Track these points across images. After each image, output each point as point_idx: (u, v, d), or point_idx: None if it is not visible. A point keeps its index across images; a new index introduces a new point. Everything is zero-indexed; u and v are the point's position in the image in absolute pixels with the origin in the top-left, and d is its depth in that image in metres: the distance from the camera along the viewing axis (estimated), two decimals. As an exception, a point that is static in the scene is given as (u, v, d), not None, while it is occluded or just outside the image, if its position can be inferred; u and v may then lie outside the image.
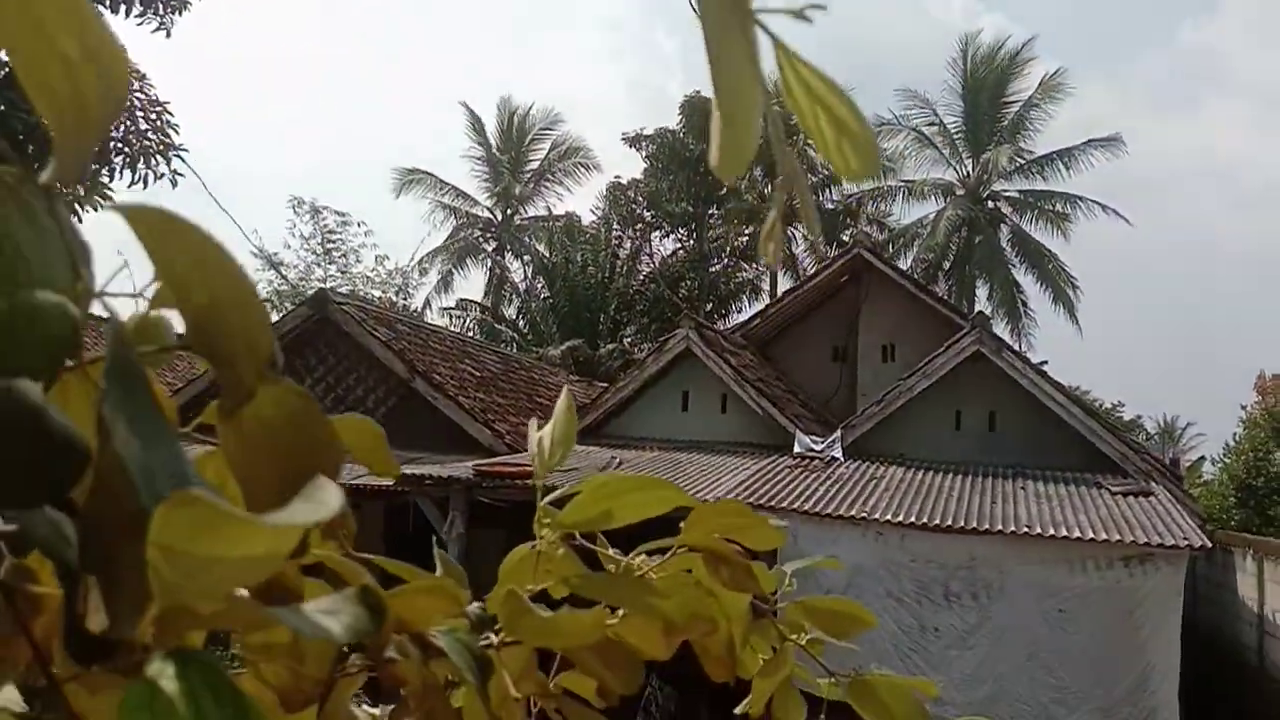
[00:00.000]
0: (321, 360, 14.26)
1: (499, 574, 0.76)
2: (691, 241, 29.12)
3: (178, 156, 11.56)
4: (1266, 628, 11.64)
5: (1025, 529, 9.25)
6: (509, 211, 33.63)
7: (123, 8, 10.94)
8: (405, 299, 31.14)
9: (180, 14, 11.42)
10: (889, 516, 9.54)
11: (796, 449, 12.09)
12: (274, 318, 21.72)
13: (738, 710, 0.97)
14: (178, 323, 0.49)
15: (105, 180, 11.05)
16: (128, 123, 10.96)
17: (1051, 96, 29.62)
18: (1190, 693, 8.98)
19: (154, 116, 11.27)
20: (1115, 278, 71.68)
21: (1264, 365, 25.60)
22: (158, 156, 11.30)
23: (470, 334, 25.96)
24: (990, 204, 30.16)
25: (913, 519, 9.49)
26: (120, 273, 0.50)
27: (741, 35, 0.38)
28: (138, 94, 11.27)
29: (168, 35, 11.46)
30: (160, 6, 11.17)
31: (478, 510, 10.82)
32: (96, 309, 0.40)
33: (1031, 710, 8.98)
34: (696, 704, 9.66)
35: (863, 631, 1.00)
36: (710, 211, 28.51)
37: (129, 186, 11.25)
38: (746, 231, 28.58)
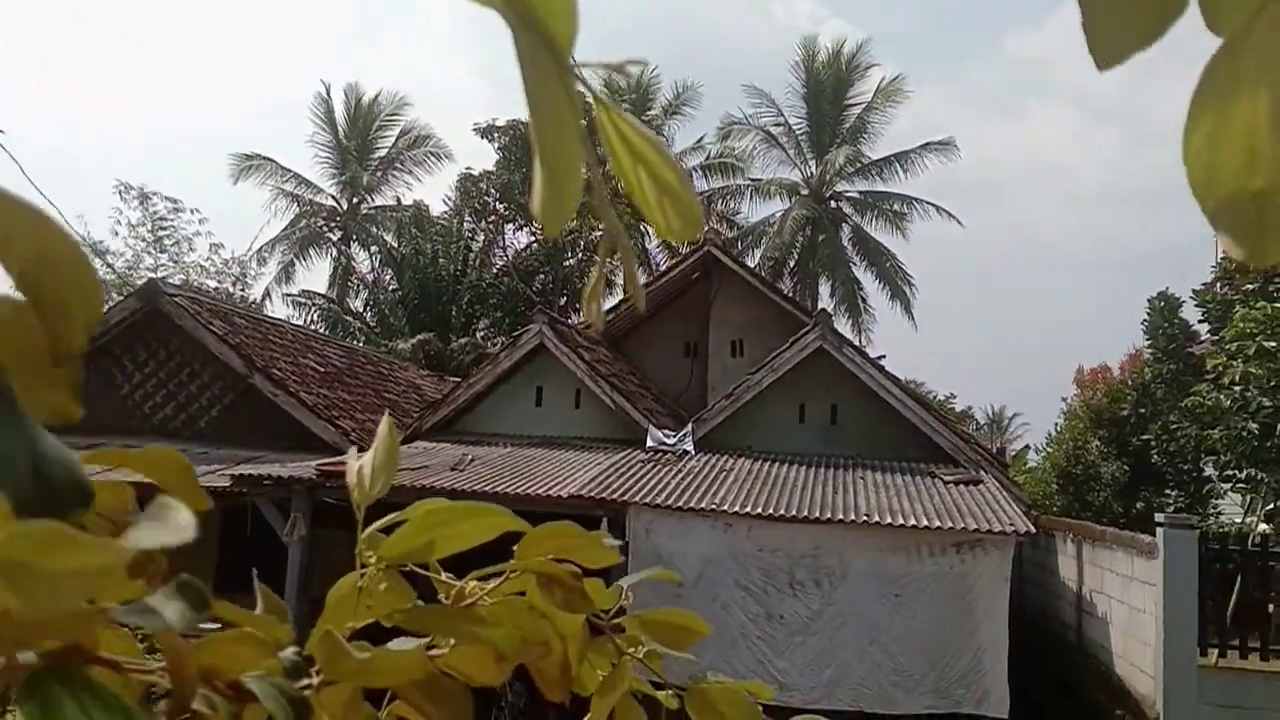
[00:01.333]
0: (153, 355, 13.53)
1: (325, 606, 0.72)
2: (545, 236, 28.96)
3: (-11, 136, 10.71)
4: (1084, 606, 12.47)
5: (865, 518, 9.61)
6: (355, 200, 32.73)
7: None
8: (243, 289, 29.91)
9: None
10: (737, 508, 9.74)
11: (649, 443, 12.20)
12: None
13: (580, 727, 0.96)
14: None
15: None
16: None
17: (890, 101, 30.86)
18: (1017, 668, 9.53)
19: (-40, 91, 10.40)
20: (948, 276, 75.59)
21: (1083, 360, 27.42)
22: (-34, 136, 10.44)
23: (314, 327, 25.12)
24: (833, 204, 31.20)
25: (759, 510, 9.72)
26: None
27: (561, 88, 0.37)
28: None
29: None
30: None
31: (322, 511, 10.47)
32: None
33: (872, 693, 9.35)
34: (546, 702, 9.63)
35: (698, 641, 1.01)
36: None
37: (-68, 166, 10.36)
38: (600, 226, 28.67)
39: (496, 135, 28.33)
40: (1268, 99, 0.39)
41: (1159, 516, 10.39)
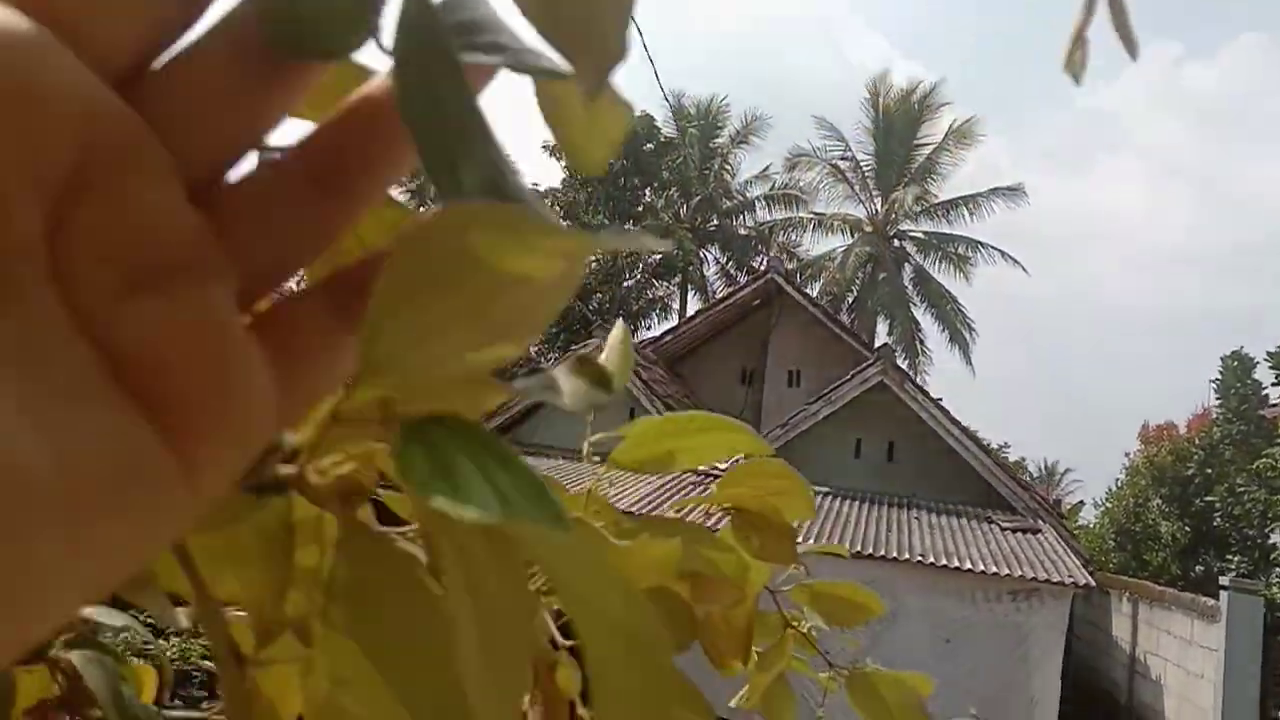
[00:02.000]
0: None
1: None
2: (605, 256, 29.12)
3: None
4: (1137, 668, 12.08)
5: (919, 558, 9.40)
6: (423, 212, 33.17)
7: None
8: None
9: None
10: (788, 539, 9.59)
11: (701, 466, 12.10)
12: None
13: (732, 703, 0.91)
14: None
15: None
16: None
17: (962, 142, 30.57)
18: (1064, 727, 9.25)
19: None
20: (1008, 324, 74.45)
21: (1142, 418, 26.82)
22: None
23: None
24: (896, 242, 30.92)
25: (810, 542, 9.56)
26: None
27: None
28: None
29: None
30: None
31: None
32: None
33: (915, 738, 9.11)
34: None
35: (870, 619, 0.95)
36: (625, 227, 28.53)
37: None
38: (659, 250, 28.66)
39: (563, 155, 28.55)
40: None
41: (1224, 579, 10.07)
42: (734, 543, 0.68)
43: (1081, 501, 28.57)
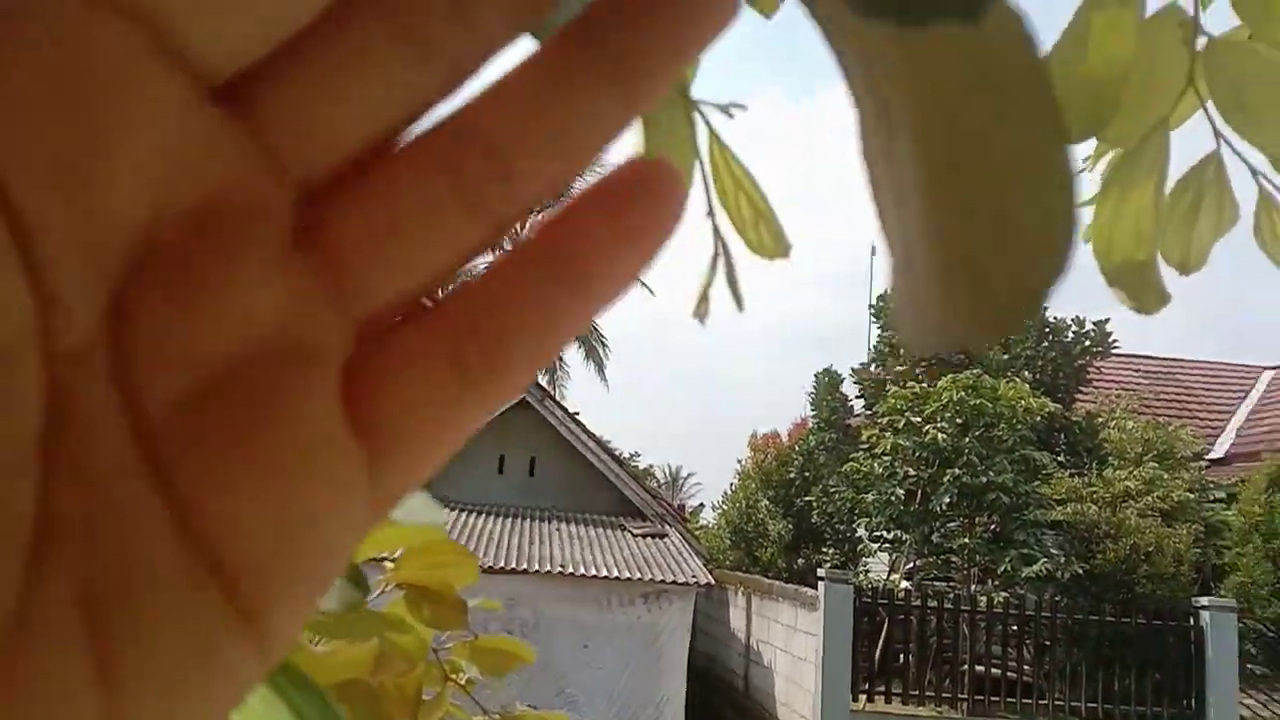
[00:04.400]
0: None
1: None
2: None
3: None
4: (752, 656, 13.29)
5: (559, 569, 9.76)
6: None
7: None
8: None
9: None
10: (433, 559, 9.56)
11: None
12: None
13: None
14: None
15: None
16: None
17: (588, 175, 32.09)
18: (691, 716, 9.98)
19: None
20: (641, 341, 79.09)
21: (755, 426, 29.57)
22: None
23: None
24: (536, 262, 31.75)
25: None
26: None
27: (680, 111, 0.42)
28: None
29: None
30: None
31: None
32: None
33: (557, 743, 9.42)
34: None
35: (521, 666, 1.05)
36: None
37: None
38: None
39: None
40: (1150, 195, 0.52)
41: (821, 571, 11.31)
42: (406, 615, 0.75)
43: (702, 504, 30.91)
